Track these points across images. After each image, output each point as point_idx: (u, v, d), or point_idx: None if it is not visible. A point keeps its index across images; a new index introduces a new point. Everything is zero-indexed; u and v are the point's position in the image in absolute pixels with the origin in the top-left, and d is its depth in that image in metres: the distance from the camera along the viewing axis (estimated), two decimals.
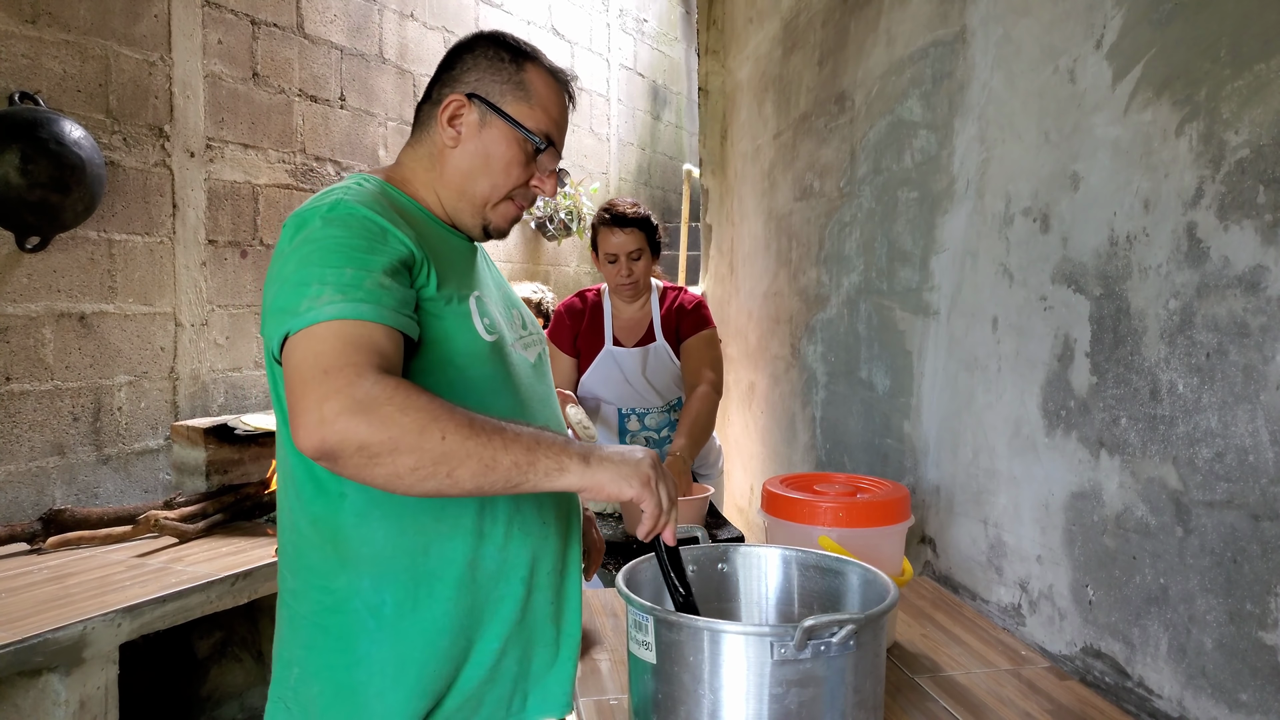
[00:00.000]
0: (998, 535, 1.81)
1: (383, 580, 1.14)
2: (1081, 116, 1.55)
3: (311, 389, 0.95)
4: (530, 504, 1.23)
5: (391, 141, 3.89)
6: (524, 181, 1.23)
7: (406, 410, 0.94)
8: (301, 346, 0.98)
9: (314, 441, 0.94)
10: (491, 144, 1.20)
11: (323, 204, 1.10)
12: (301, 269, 1.03)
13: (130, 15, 2.81)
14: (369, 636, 1.15)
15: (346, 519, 1.14)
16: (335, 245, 1.05)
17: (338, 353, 0.97)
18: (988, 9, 1.85)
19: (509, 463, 0.98)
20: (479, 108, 1.21)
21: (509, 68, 1.22)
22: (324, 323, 0.99)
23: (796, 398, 3.09)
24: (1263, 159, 1.18)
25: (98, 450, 2.76)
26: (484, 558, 1.19)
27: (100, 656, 1.95)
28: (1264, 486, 1.18)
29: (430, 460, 0.95)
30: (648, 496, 1.08)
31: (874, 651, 1.12)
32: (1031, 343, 1.69)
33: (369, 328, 1.00)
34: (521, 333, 1.31)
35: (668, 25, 6.25)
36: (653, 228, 2.64)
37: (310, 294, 1.00)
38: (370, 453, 0.94)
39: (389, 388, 0.95)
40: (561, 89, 1.25)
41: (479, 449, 0.97)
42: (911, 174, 2.19)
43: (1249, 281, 1.20)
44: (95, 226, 2.71)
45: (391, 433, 0.93)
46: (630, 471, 1.06)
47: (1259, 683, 1.19)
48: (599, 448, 1.07)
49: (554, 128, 1.24)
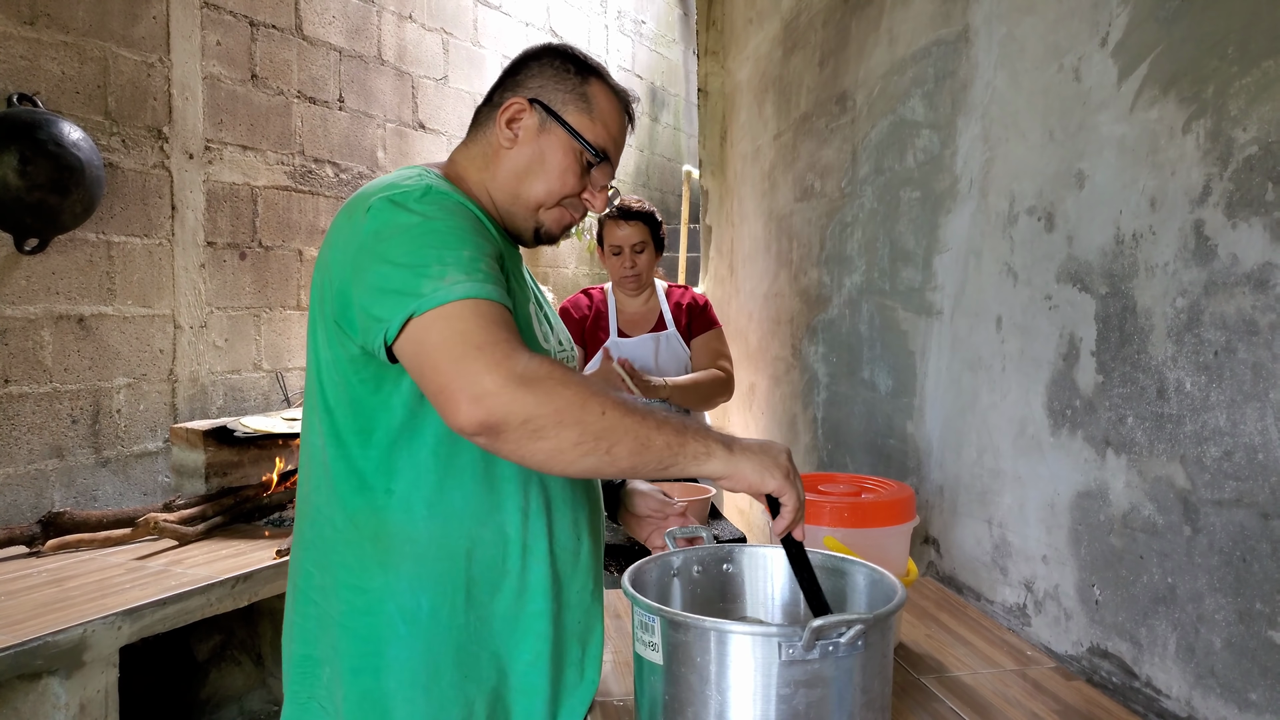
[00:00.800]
0: (1002, 535, 1.80)
1: (421, 583, 1.13)
2: (1087, 115, 1.55)
3: (466, 365, 0.95)
4: (567, 523, 1.23)
5: (390, 143, 3.89)
6: (576, 191, 1.23)
7: (567, 384, 0.96)
8: (440, 326, 0.97)
9: (477, 415, 0.94)
10: (549, 149, 1.20)
11: (413, 189, 1.09)
12: (414, 251, 1.02)
13: (129, 17, 2.80)
14: (400, 642, 1.12)
15: (393, 516, 1.12)
16: (446, 228, 1.05)
17: (484, 330, 0.97)
18: (991, 8, 1.85)
19: (662, 443, 0.99)
20: (539, 113, 1.20)
21: (573, 79, 1.22)
22: (455, 302, 0.98)
23: (798, 399, 3.08)
24: (1271, 156, 1.18)
25: (96, 453, 2.75)
26: (526, 569, 1.18)
27: (100, 659, 1.94)
28: (1274, 485, 1.17)
29: (592, 435, 0.96)
30: (789, 489, 1.07)
31: (882, 652, 1.11)
32: (1036, 342, 1.68)
33: (496, 307, 1.01)
34: (556, 349, 1.31)
35: (666, 27, 6.25)
36: (656, 223, 2.73)
37: (432, 274, 1.00)
38: (534, 425, 0.94)
39: (546, 363, 0.97)
40: (622, 109, 1.25)
41: (635, 426, 0.98)
42: (914, 174, 2.19)
43: (1258, 279, 1.20)
44: (94, 228, 2.70)
45: (556, 405, 0.94)
46: (771, 463, 1.06)
47: (1269, 682, 1.18)
48: (741, 439, 1.07)
49: (611, 144, 1.23)
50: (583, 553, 1.25)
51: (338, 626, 1.15)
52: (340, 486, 1.14)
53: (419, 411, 1.10)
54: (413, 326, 0.99)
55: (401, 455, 1.11)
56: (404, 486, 1.12)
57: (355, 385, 1.11)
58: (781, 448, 1.09)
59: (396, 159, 3.93)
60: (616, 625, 1.76)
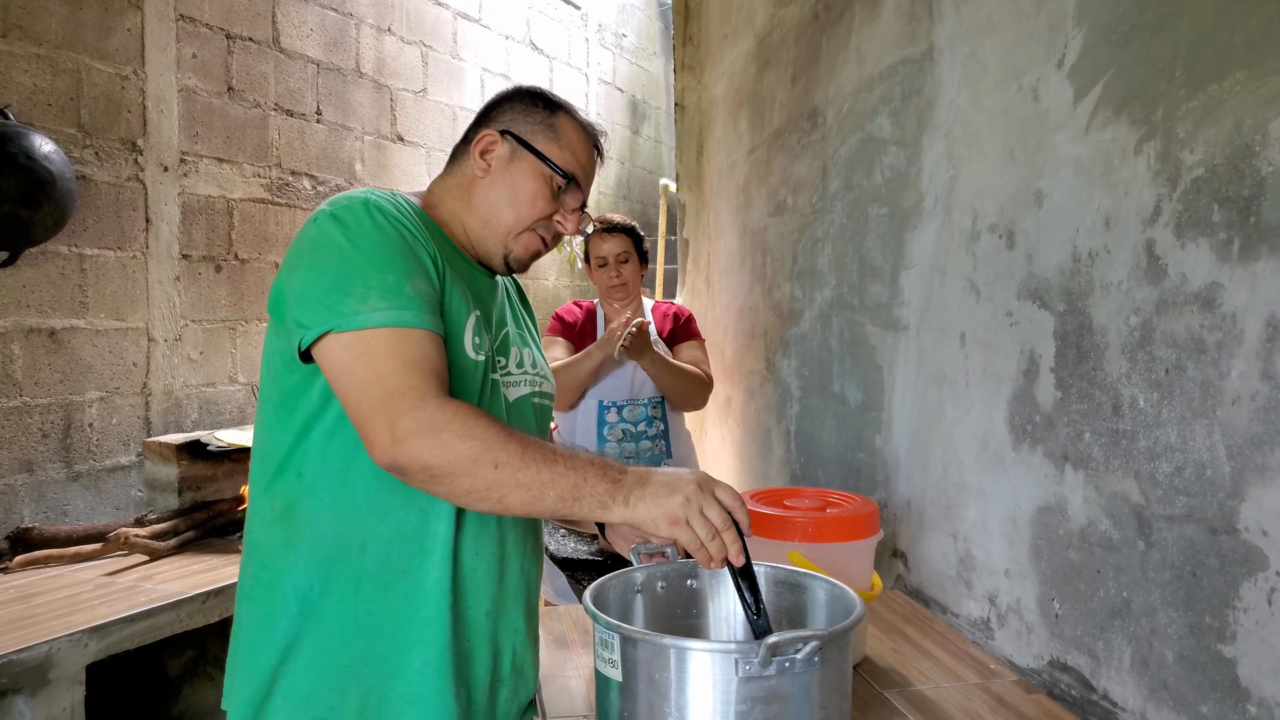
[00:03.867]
0: (967, 549, 1.82)
1: (315, 566, 1.17)
2: (1045, 135, 1.57)
3: (381, 410, 1.04)
4: (475, 534, 1.23)
5: (368, 155, 3.89)
6: (547, 215, 1.29)
7: (464, 437, 1.03)
8: (361, 364, 1.06)
9: (387, 459, 1.04)
10: (519, 176, 1.27)
11: (354, 202, 1.15)
12: (340, 267, 1.10)
13: (103, 29, 2.80)
14: (290, 619, 1.17)
15: (300, 499, 1.17)
16: (374, 248, 1.11)
17: (399, 374, 1.05)
18: (954, 28, 1.88)
19: (555, 496, 1.05)
20: (510, 143, 1.28)
21: (542, 113, 1.31)
22: (373, 331, 1.06)
23: (771, 412, 3.10)
24: (1217, 178, 1.20)
25: (67, 467, 2.74)
26: (421, 573, 1.19)
27: (66, 677, 1.93)
28: (1221, 500, 1.20)
29: (483, 486, 1.03)
30: (680, 534, 1.06)
31: (839, 668, 1.12)
32: (998, 358, 1.71)
33: (418, 338, 1.08)
34: (514, 370, 1.33)
35: (646, 40, 6.29)
36: (639, 236, 2.85)
37: (355, 295, 1.07)
38: (432, 474, 1.03)
39: (449, 413, 1.04)
40: (590, 141, 1.33)
41: (528, 480, 1.04)
42: (881, 190, 2.21)
43: (1205, 298, 1.22)
44: (66, 241, 2.69)
45: (449, 458, 1.02)
46: (662, 516, 1.05)
47: (1218, 695, 1.20)
48: (650, 478, 1.07)
49: (579, 170, 1.30)
50: (480, 570, 1.24)
51: (244, 597, 1.22)
52: (263, 466, 1.21)
53: (333, 402, 1.15)
54: (330, 341, 1.08)
55: (313, 441, 1.17)
56: (312, 472, 1.17)
57: (282, 370, 1.17)
58: (683, 497, 1.05)
59: (375, 171, 3.93)
60: (584, 640, 1.76)
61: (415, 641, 1.19)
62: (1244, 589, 1.17)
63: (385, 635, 1.18)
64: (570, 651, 1.71)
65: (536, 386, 1.38)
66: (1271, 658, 1.13)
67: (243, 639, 1.21)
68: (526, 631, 1.35)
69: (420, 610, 1.19)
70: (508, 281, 1.47)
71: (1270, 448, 1.12)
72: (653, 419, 2.80)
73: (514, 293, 1.48)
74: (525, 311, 1.49)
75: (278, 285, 1.17)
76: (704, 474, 1.11)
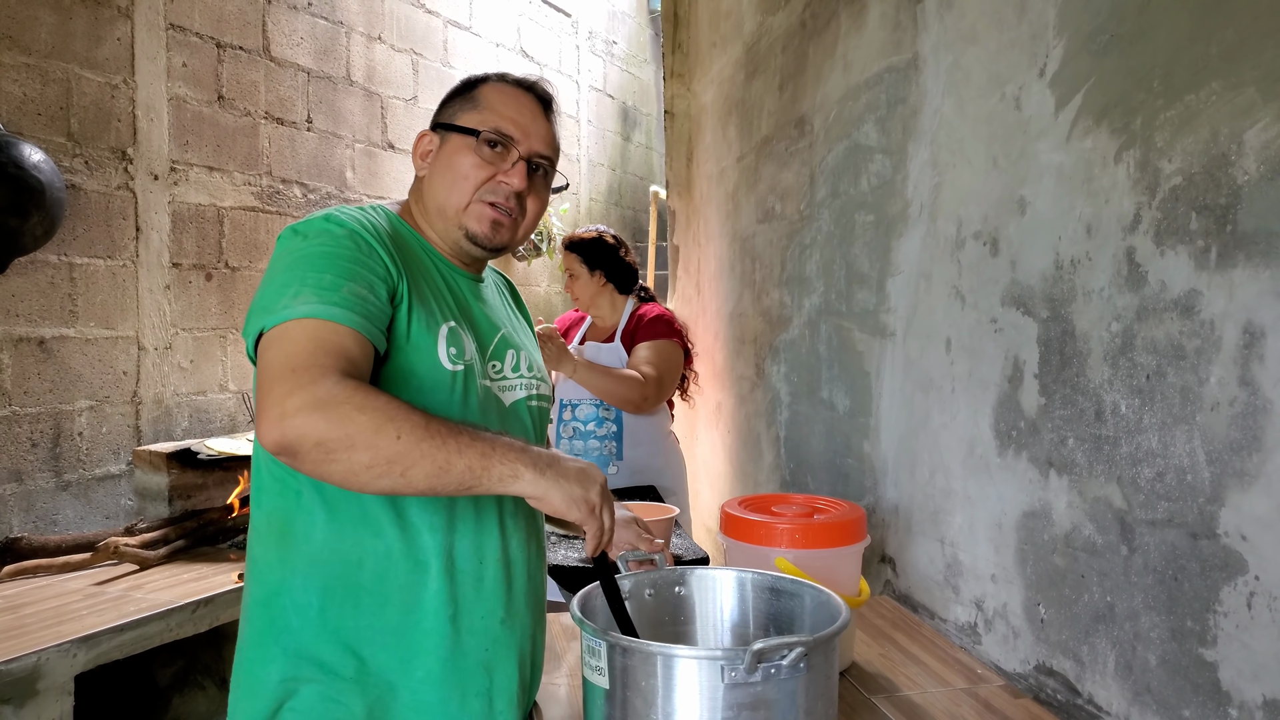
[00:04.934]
0: (954, 554, 1.83)
1: (313, 583, 1.17)
2: (1027, 143, 1.59)
3: (277, 385, 1.00)
4: (469, 545, 1.23)
5: (359, 164, 3.89)
6: (486, 179, 1.27)
7: (364, 409, 0.99)
8: (274, 345, 1.04)
9: (274, 436, 0.99)
10: (449, 156, 1.28)
11: (314, 218, 1.17)
12: (285, 273, 1.10)
13: (92, 38, 2.80)
14: (291, 634, 1.17)
15: (297, 516, 1.18)
16: (320, 254, 1.12)
17: (307, 353, 1.02)
18: (938, 37, 1.89)
19: (463, 466, 1.02)
20: (439, 134, 1.31)
21: (465, 92, 1.33)
22: (297, 320, 1.05)
23: (761, 417, 3.11)
24: (1194, 186, 1.22)
25: (57, 476, 2.73)
26: (419, 587, 1.19)
27: (55, 688, 1.92)
28: (1201, 505, 1.21)
29: (384, 459, 0.99)
30: (591, 521, 1.12)
31: (825, 674, 1.13)
32: (983, 364, 1.72)
33: (339, 331, 1.06)
34: (510, 375, 1.33)
35: (637, 47, 6.31)
36: (588, 250, 2.91)
37: (289, 294, 1.07)
38: (327, 449, 0.98)
39: (349, 388, 1.00)
40: (525, 92, 1.32)
41: (433, 450, 1.00)
42: (868, 197, 2.23)
43: (1184, 305, 1.24)
44: (55, 250, 2.69)
45: (347, 430, 0.98)
46: (581, 496, 1.09)
47: (1200, 699, 1.21)
48: (560, 461, 1.10)
49: (508, 123, 1.28)
50: (487, 578, 1.25)
51: (246, 615, 1.22)
52: (264, 486, 1.21)
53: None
54: (262, 341, 1.07)
55: None
56: (308, 489, 1.17)
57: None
58: (596, 479, 1.12)
59: (365, 179, 3.94)
60: (574, 647, 1.77)
61: (417, 653, 1.19)
62: (1224, 593, 1.18)
63: (385, 648, 1.18)
64: (558, 659, 1.71)
65: (534, 389, 1.37)
66: (1251, 661, 1.14)
67: (245, 655, 1.21)
68: (541, 639, 1.37)
69: (420, 622, 1.19)
70: (502, 284, 1.47)
71: (1248, 453, 1.14)
72: (603, 419, 2.87)
73: (509, 295, 1.48)
74: (521, 313, 1.49)
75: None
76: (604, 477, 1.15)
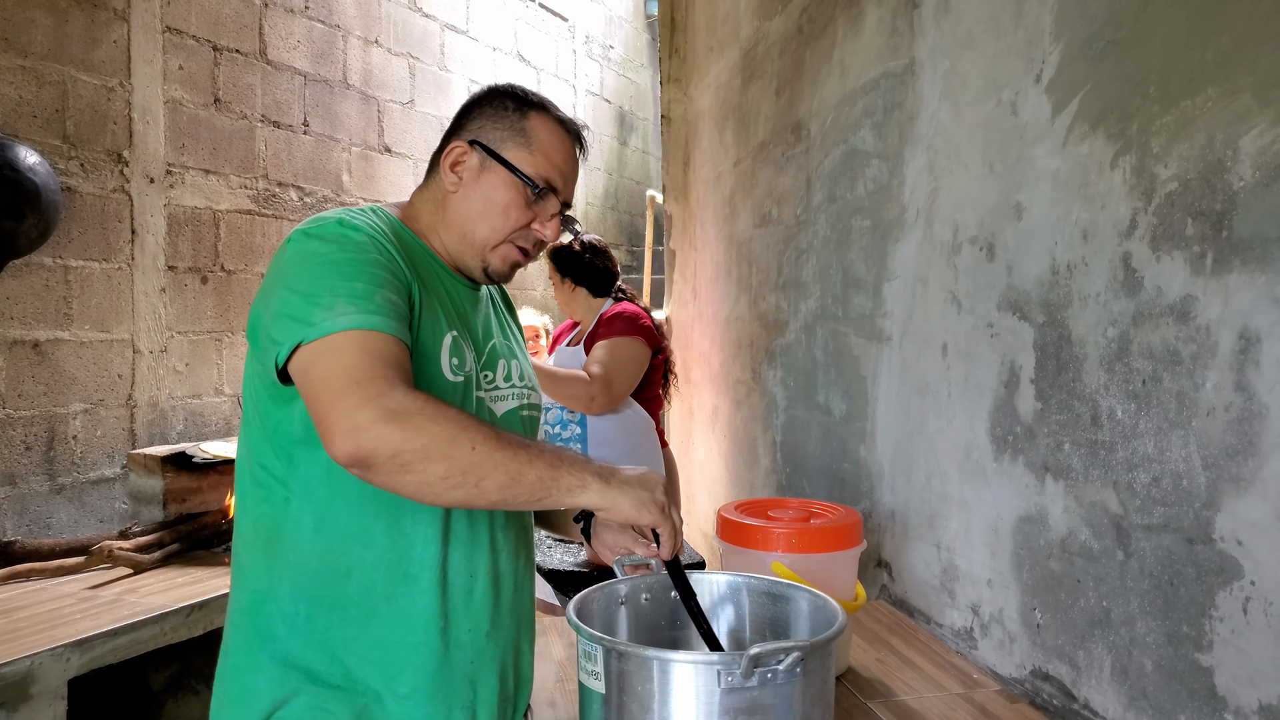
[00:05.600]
0: (950, 559, 1.83)
1: (300, 593, 1.16)
2: (1024, 148, 1.59)
3: (344, 398, 0.99)
4: (462, 559, 1.22)
5: (355, 167, 3.89)
6: (524, 225, 1.25)
7: (438, 420, 0.99)
8: (325, 358, 1.02)
9: (349, 448, 0.97)
10: (490, 189, 1.23)
11: (328, 221, 1.14)
12: (312, 281, 1.08)
13: (89, 41, 2.80)
14: (277, 642, 1.16)
15: (285, 525, 1.16)
16: (344, 260, 1.10)
17: (365, 365, 1.01)
18: (935, 42, 1.90)
19: (534, 477, 1.02)
20: (479, 154, 1.24)
21: (512, 116, 1.25)
22: (342, 333, 1.03)
23: (758, 422, 3.11)
24: (1190, 192, 1.22)
25: (51, 480, 2.72)
26: (408, 600, 1.18)
27: (48, 692, 1.92)
28: (1197, 510, 1.21)
29: (460, 469, 0.99)
30: (664, 522, 1.12)
31: (822, 678, 1.13)
32: (979, 369, 1.72)
33: (386, 340, 1.05)
34: (502, 385, 1.32)
35: (634, 52, 6.32)
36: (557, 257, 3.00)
37: (323, 304, 1.05)
38: (402, 460, 0.98)
39: (420, 399, 1.00)
40: (569, 137, 1.28)
41: (506, 461, 1.00)
42: (864, 202, 2.23)
43: (1180, 311, 1.24)
44: (51, 253, 2.68)
45: (424, 441, 0.97)
46: (649, 498, 1.10)
47: (1196, 704, 1.21)
48: (619, 469, 1.10)
49: (556, 174, 1.25)
50: (476, 591, 1.24)
51: (229, 622, 1.21)
52: (250, 493, 1.20)
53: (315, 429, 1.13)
54: (302, 352, 1.04)
55: (299, 468, 1.15)
56: (298, 499, 1.16)
57: (264, 398, 1.16)
58: (658, 480, 1.13)
59: (362, 182, 3.93)
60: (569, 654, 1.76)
61: (404, 667, 1.18)
62: (1220, 598, 1.18)
63: (371, 661, 1.17)
64: (554, 664, 1.71)
65: (525, 399, 1.36)
66: (1247, 666, 1.14)
67: (231, 663, 1.20)
68: (527, 649, 1.35)
69: (407, 636, 1.18)
70: (494, 291, 1.44)
71: (1244, 458, 1.14)
72: (567, 421, 2.91)
73: (500, 301, 1.45)
74: (511, 320, 1.47)
75: (255, 310, 1.15)
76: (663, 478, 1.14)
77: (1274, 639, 1.10)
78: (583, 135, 1.31)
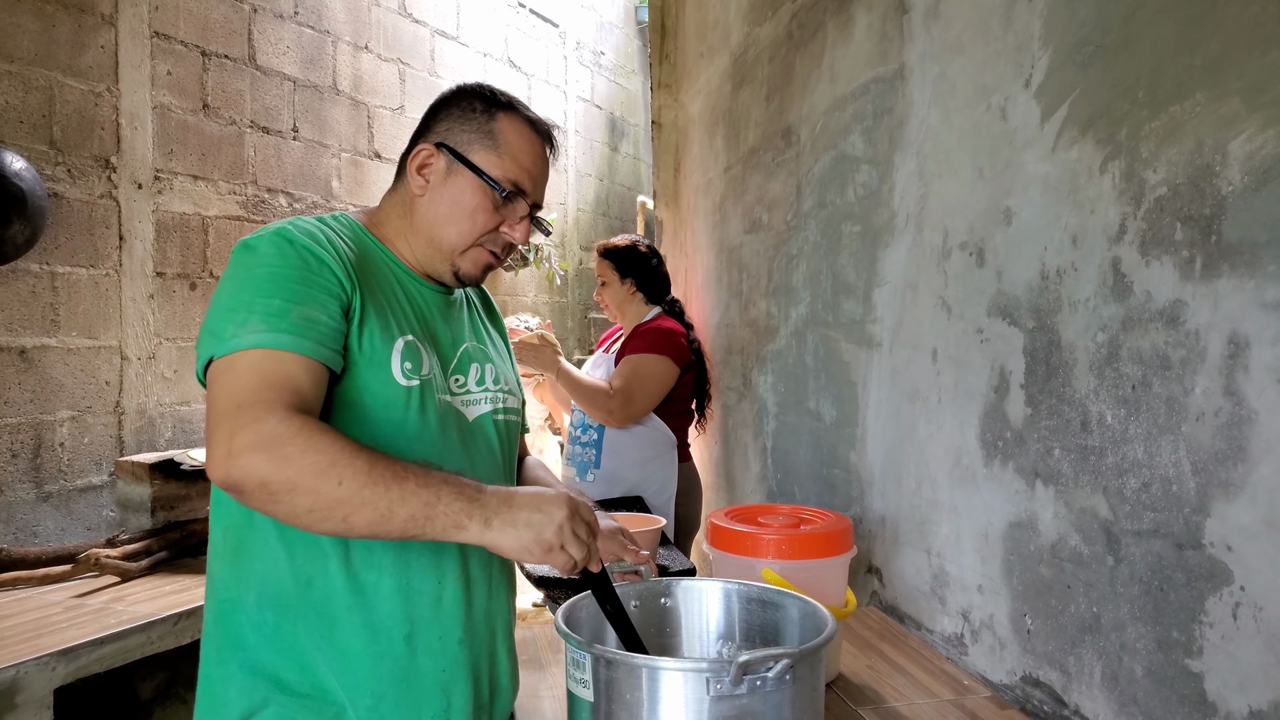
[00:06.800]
0: (940, 565, 1.83)
1: (265, 602, 1.15)
2: (1013, 153, 1.59)
3: (224, 421, 0.99)
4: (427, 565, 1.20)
5: (345, 173, 3.88)
6: (492, 228, 1.24)
7: (307, 452, 0.97)
8: (222, 377, 1.03)
9: (221, 474, 0.99)
10: (458, 192, 1.22)
11: (266, 232, 1.13)
12: (233, 295, 1.08)
13: (76, 46, 2.78)
14: (247, 650, 1.16)
15: (251, 535, 1.16)
16: (268, 274, 1.08)
17: (251, 387, 1.01)
18: (925, 47, 1.90)
19: (405, 515, 0.99)
20: (446, 156, 1.22)
21: (480, 118, 1.24)
22: (245, 351, 1.03)
23: (748, 428, 3.11)
24: (1179, 197, 1.22)
25: (37, 487, 2.70)
26: (369, 608, 1.17)
27: (33, 702, 1.89)
28: (1186, 516, 1.21)
29: (325, 504, 0.98)
30: (554, 560, 1.06)
31: (811, 685, 1.12)
32: (969, 374, 1.72)
33: (288, 360, 1.04)
34: (474, 388, 1.29)
35: (625, 58, 6.32)
36: (620, 257, 2.97)
37: (237, 320, 1.05)
38: (270, 490, 0.97)
39: (294, 427, 0.98)
40: (539, 138, 1.26)
41: (375, 498, 0.98)
42: (854, 208, 2.23)
43: (1169, 315, 1.24)
44: (37, 259, 2.66)
45: (289, 473, 0.97)
46: (533, 540, 1.03)
47: (1186, 710, 1.21)
48: (514, 501, 1.04)
49: (524, 176, 1.24)
50: (446, 598, 1.22)
51: (204, 632, 1.21)
52: (220, 502, 1.20)
53: None
54: (211, 369, 1.06)
55: None
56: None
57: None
58: (556, 513, 1.04)
59: (351, 188, 3.92)
60: (557, 661, 1.75)
61: (366, 676, 1.16)
62: (1210, 604, 1.18)
63: (335, 671, 1.16)
64: (543, 671, 1.70)
65: (500, 403, 1.33)
66: (1237, 672, 1.14)
67: (204, 673, 1.20)
68: (505, 656, 1.34)
69: (370, 645, 1.16)
70: (472, 294, 1.43)
71: (1233, 463, 1.14)
72: (587, 426, 2.94)
73: (479, 306, 1.43)
74: (491, 324, 1.44)
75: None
76: (569, 494, 1.07)
77: (1264, 645, 1.10)
78: (553, 135, 1.30)
